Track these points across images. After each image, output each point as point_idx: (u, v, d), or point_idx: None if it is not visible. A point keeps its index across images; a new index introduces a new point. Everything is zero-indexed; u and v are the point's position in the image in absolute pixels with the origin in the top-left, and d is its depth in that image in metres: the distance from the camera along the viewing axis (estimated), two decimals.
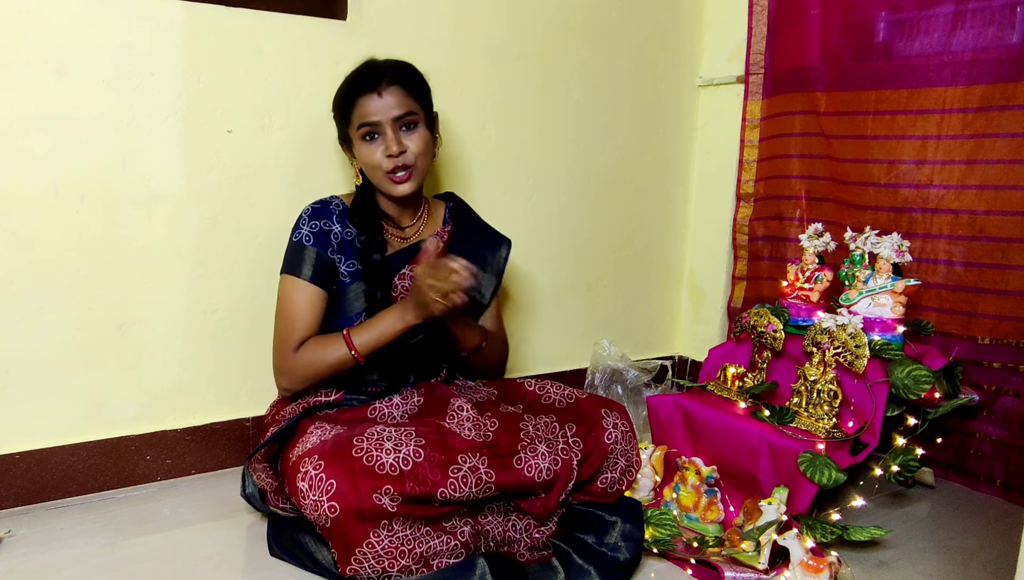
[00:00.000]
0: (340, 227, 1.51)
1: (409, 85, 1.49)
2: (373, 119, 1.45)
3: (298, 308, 1.47)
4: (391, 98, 1.45)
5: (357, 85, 1.47)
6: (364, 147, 1.48)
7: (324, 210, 1.52)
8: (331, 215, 1.51)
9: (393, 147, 1.44)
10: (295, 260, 1.48)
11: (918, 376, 1.52)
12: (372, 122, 1.45)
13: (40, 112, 1.45)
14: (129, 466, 1.62)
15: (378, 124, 1.45)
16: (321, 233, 1.49)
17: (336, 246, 1.50)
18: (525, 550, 1.36)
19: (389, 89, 1.45)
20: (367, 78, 1.46)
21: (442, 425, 1.38)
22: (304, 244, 1.48)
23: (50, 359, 1.53)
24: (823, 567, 1.31)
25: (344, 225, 1.52)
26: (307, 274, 1.47)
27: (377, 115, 1.45)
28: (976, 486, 1.83)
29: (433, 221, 1.63)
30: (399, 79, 1.47)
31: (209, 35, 1.59)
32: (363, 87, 1.46)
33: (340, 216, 1.52)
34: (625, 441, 1.47)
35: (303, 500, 1.23)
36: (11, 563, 1.33)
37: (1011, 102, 1.70)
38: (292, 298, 1.47)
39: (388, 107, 1.45)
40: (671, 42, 2.30)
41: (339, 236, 1.50)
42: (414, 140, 1.48)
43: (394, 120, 1.45)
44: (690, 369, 2.47)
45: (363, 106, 1.46)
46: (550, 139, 2.11)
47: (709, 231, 2.41)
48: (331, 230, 1.50)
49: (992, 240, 1.76)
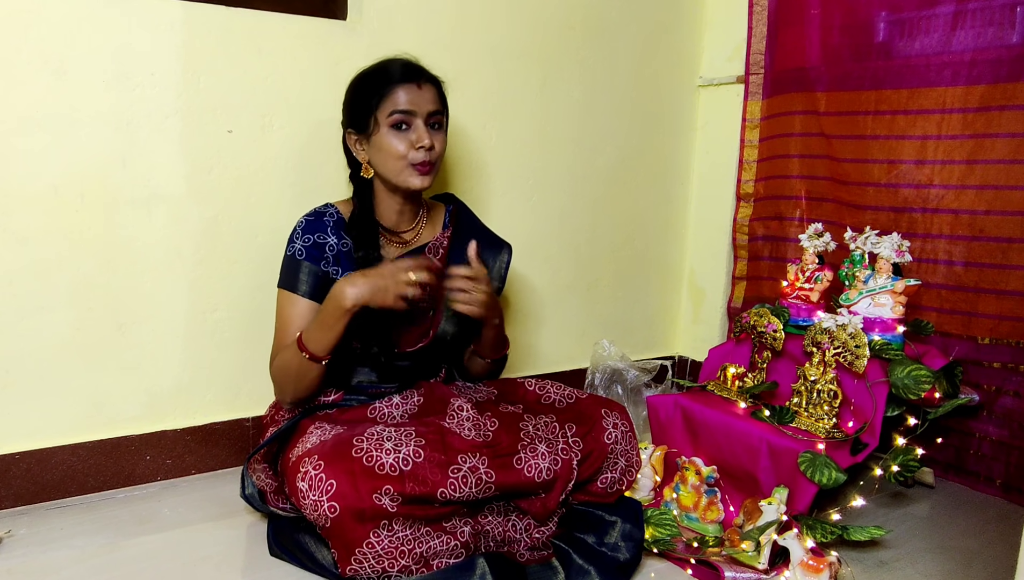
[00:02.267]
0: (336, 239, 1.49)
1: (439, 87, 1.51)
2: (410, 108, 1.44)
3: (289, 322, 1.45)
4: (428, 93, 1.47)
5: (395, 74, 1.46)
6: (391, 135, 1.44)
7: (318, 222, 1.49)
8: (325, 227, 1.49)
9: (426, 139, 1.44)
10: (288, 274, 1.47)
11: (918, 376, 1.52)
12: (408, 111, 1.44)
13: (40, 112, 1.45)
14: (129, 466, 1.62)
15: (413, 113, 1.44)
16: (315, 246, 1.48)
17: (332, 258, 1.48)
18: (525, 550, 1.36)
19: (427, 84, 1.47)
20: (407, 70, 1.47)
21: (442, 425, 1.38)
22: (297, 258, 1.46)
23: (50, 359, 1.53)
24: (823, 567, 1.31)
25: (340, 237, 1.50)
26: (300, 289, 1.45)
27: (414, 105, 1.44)
28: (976, 486, 1.83)
29: (432, 225, 1.61)
30: (432, 78, 1.50)
31: (209, 35, 1.59)
32: (404, 77, 1.45)
33: (335, 227, 1.50)
34: (625, 441, 1.47)
35: (303, 500, 1.23)
36: (11, 563, 1.33)
37: (1011, 102, 1.70)
38: (285, 312, 1.47)
39: (426, 100, 1.45)
40: (671, 42, 2.30)
41: (335, 248, 1.49)
42: (439, 140, 1.48)
43: (428, 114, 1.46)
44: (690, 369, 2.47)
45: (401, 94, 1.44)
46: (550, 139, 2.12)
47: (709, 231, 2.41)
48: (326, 243, 1.48)
49: (992, 240, 1.76)
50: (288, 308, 1.46)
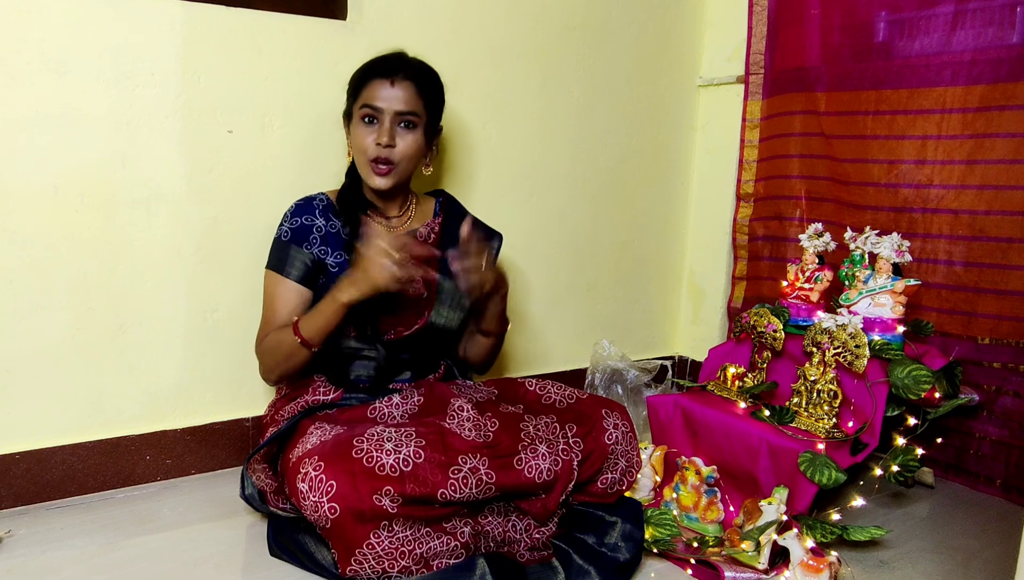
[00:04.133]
0: (324, 221, 1.53)
1: (422, 86, 1.50)
2: (377, 104, 1.46)
3: (274, 302, 1.50)
4: (401, 92, 1.47)
5: (375, 68, 1.49)
6: (359, 128, 1.49)
7: (307, 206, 1.53)
8: (314, 210, 1.53)
9: (384, 137, 1.45)
10: (275, 256, 1.52)
11: (918, 376, 1.52)
12: (374, 107, 1.46)
13: (40, 112, 1.45)
14: (129, 466, 1.62)
15: (380, 111, 1.46)
16: (302, 228, 1.51)
17: (320, 240, 1.51)
18: (525, 550, 1.36)
19: (403, 83, 1.47)
20: (387, 65, 1.49)
21: (442, 425, 1.37)
22: (283, 240, 1.51)
23: (50, 359, 1.53)
24: (823, 567, 1.31)
25: (328, 219, 1.53)
26: (286, 270, 1.50)
27: (382, 102, 1.46)
28: (976, 486, 1.83)
29: (422, 213, 1.64)
30: (414, 76, 1.49)
31: (209, 35, 1.59)
32: (379, 72, 1.48)
33: (324, 210, 1.54)
34: (626, 442, 1.47)
35: (303, 501, 1.23)
36: (11, 563, 1.33)
37: (1011, 102, 1.70)
38: (270, 292, 1.52)
39: (397, 99, 1.46)
40: (671, 42, 2.30)
41: (323, 229, 1.52)
42: (406, 140, 1.49)
43: (396, 113, 1.46)
44: (690, 369, 2.47)
45: (373, 88, 1.47)
46: (550, 139, 2.11)
47: (709, 231, 2.41)
48: (313, 225, 1.52)
49: (992, 240, 1.76)
50: (271, 288, 1.51)
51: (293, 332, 1.42)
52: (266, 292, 1.53)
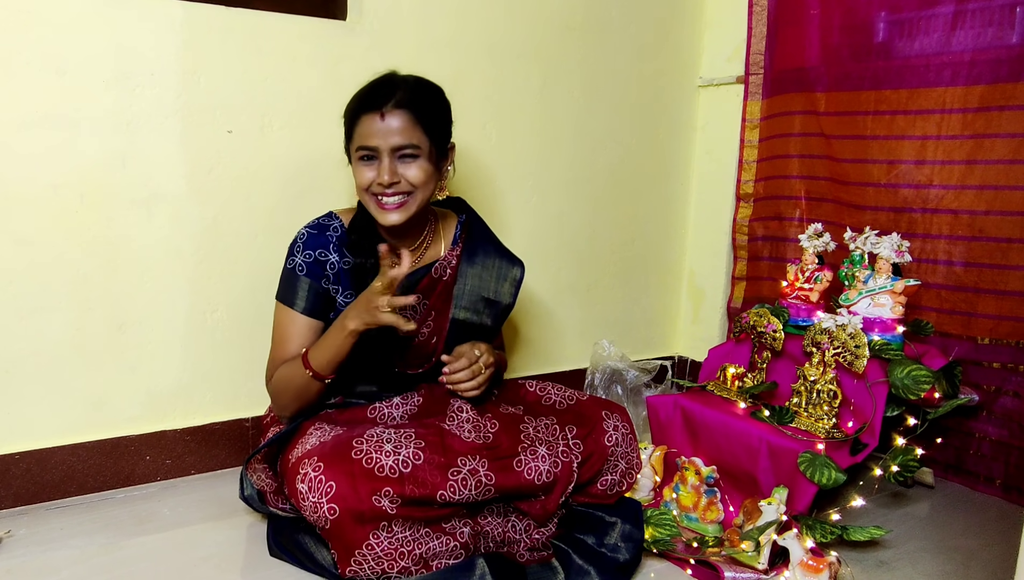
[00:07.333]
0: (337, 257, 1.45)
1: (418, 111, 1.37)
2: (371, 144, 1.35)
3: (286, 336, 1.45)
4: (394, 122, 1.35)
5: (363, 102, 1.38)
6: (359, 167, 1.39)
7: (320, 237, 1.45)
8: (328, 244, 1.45)
9: (385, 176, 1.35)
10: (287, 288, 1.45)
11: (918, 376, 1.52)
12: (370, 147, 1.36)
13: (40, 112, 1.45)
14: (129, 466, 1.62)
15: (375, 149, 1.36)
16: (316, 263, 1.44)
17: (332, 277, 1.45)
18: (525, 551, 1.36)
19: (394, 113, 1.35)
20: (375, 96, 1.36)
21: (442, 427, 1.37)
22: (297, 273, 1.43)
23: (50, 359, 1.53)
24: (823, 567, 1.31)
25: (341, 254, 1.45)
26: (298, 305, 1.44)
27: (375, 140, 1.35)
28: (976, 486, 1.83)
29: (441, 240, 1.55)
30: (408, 102, 1.36)
31: (209, 35, 1.59)
32: (367, 105, 1.36)
33: (338, 243, 1.46)
34: (626, 443, 1.47)
35: (303, 502, 1.23)
36: (11, 563, 1.33)
37: (1011, 102, 1.70)
38: (281, 326, 1.46)
39: (389, 132, 1.34)
40: (671, 42, 2.30)
41: (336, 266, 1.45)
42: (410, 172, 1.37)
43: (392, 149, 1.35)
44: (690, 369, 2.47)
45: (364, 126, 1.36)
46: (550, 139, 2.11)
47: (709, 231, 2.41)
48: (327, 261, 1.44)
49: (992, 240, 1.76)
50: (286, 324, 1.45)
51: (303, 364, 1.38)
52: (277, 325, 1.46)
